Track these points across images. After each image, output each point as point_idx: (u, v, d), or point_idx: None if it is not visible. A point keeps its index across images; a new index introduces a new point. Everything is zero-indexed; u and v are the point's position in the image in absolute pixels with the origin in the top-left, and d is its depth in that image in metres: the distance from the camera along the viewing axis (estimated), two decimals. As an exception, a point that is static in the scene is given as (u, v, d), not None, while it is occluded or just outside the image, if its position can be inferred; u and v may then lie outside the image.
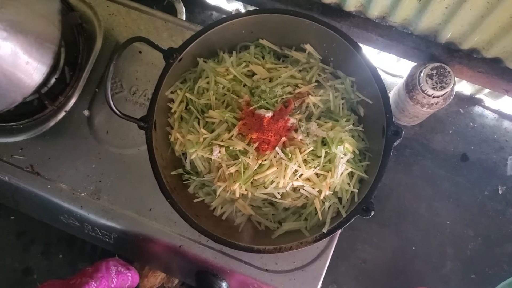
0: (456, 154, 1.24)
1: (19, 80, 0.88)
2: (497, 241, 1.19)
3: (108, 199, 1.01)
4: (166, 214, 0.99)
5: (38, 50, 0.89)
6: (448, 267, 1.19)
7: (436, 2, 0.88)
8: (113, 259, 1.01)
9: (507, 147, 1.23)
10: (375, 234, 1.22)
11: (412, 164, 1.24)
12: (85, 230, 1.06)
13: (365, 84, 0.86)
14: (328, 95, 0.89)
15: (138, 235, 1.00)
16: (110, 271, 0.95)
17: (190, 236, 0.97)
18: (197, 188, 0.92)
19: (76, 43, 1.06)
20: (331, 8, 1.05)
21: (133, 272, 1.02)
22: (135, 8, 1.10)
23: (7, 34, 0.82)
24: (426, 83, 0.97)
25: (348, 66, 0.89)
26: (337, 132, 0.84)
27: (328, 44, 0.88)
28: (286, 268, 0.96)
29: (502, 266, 1.18)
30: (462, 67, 1.02)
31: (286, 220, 0.88)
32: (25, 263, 1.36)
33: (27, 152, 1.04)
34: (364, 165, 0.86)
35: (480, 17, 0.88)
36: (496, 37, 0.93)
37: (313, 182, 0.83)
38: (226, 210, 0.90)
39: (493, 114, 1.26)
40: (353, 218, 0.79)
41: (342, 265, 1.22)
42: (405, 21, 1.02)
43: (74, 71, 1.05)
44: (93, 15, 1.09)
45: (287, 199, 0.85)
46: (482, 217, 1.21)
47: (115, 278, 0.94)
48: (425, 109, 1.03)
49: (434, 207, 1.22)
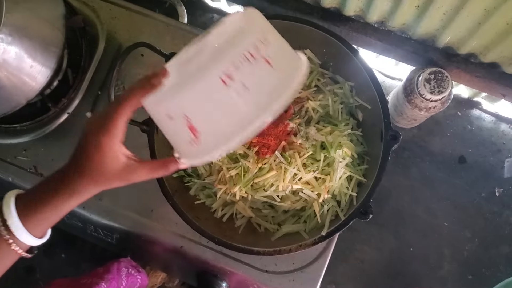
0: (453, 156, 1.25)
1: (23, 83, 0.90)
2: (494, 242, 1.21)
3: (110, 200, 1.02)
4: (167, 215, 1.00)
5: (42, 54, 0.90)
6: (445, 268, 1.21)
7: (434, 9, 0.89)
8: (125, 260, 1.02)
9: (504, 149, 1.25)
10: (374, 235, 1.24)
11: (410, 166, 1.26)
12: (88, 231, 1.08)
13: (364, 89, 0.88)
14: (327, 100, 0.90)
15: (139, 235, 1.02)
16: (120, 273, 0.96)
17: (191, 237, 0.99)
18: (198, 190, 0.93)
19: (79, 45, 1.07)
20: (331, 12, 1.06)
21: (143, 274, 1.03)
22: (137, 12, 1.11)
23: (12, 38, 0.83)
24: (424, 87, 0.99)
25: (347, 71, 0.91)
26: (336, 136, 0.85)
27: (328, 50, 0.90)
28: (285, 269, 0.97)
29: (499, 267, 1.20)
30: (460, 71, 1.03)
31: (285, 222, 0.90)
32: (28, 262, 1.37)
33: (30, 153, 1.05)
34: (363, 169, 0.88)
35: (477, 24, 0.89)
36: (493, 43, 0.94)
37: (312, 186, 0.85)
38: (226, 212, 0.92)
39: (490, 117, 1.27)
40: (352, 221, 0.80)
41: (340, 265, 1.23)
42: (403, 26, 1.03)
43: (77, 73, 1.07)
44: (96, 18, 1.10)
45: (286, 202, 0.87)
46: (479, 218, 1.22)
47: (124, 280, 0.96)
48: (423, 113, 1.05)
49: (431, 208, 1.24)
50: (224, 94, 0.52)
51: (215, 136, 0.56)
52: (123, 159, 0.55)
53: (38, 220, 0.54)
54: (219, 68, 0.51)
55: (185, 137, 0.57)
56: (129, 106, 0.52)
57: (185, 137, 0.57)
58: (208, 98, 0.53)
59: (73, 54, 1.06)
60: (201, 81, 0.52)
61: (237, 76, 0.52)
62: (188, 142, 0.57)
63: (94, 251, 1.36)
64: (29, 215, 0.54)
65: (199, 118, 0.55)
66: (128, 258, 1.06)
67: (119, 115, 0.52)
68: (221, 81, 0.52)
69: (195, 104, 0.54)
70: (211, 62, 0.52)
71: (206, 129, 0.56)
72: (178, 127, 0.56)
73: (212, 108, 0.54)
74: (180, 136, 0.58)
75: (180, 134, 0.57)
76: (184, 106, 0.55)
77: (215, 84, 0.52)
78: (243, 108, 0.55)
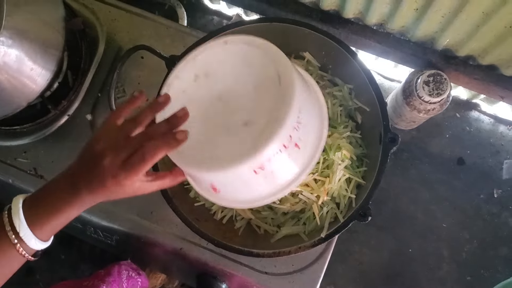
0: (452, 158, 1.26)
1: (23, 86, 0.90)
2: (492, 243, 1.22)
3: (110, 201, 1.02)
4: (167, 217, 1.00)
5: (42, 57, 0.90)
6: (444, 269, 1.22)
7: (433, 12, 0.90)
8: (125, 263, 1.02)
9: (503, 151, 1.25)
10: (373, 237, 1.25)
11: (410, 167, 1.26)
12: (87, 232, 1.08)
13: (363, 91, 0.88)
14: (326, 103, 0.90)
15: (139, 237, 1.02)
16: (121, 276, 0.96)
17: (191, 239, 0.99)
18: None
19: (79, 48, 1.07)
20: (330, 15, 1.07)
21: (143, 277, 1.04)
22: (137, 14, 1.11)
23: (12, 41, 0.83)
24: (423, 89, 0.99)
25: (346, 74, 0.91)
26: (335, 139, 0.85)
27: (327, 52, 0.90)
28: (284, 271, 0.98)
29: (497, 268, 1.20)
30: (459, 74, 1.04)
31: (285, 224, 0.90)
32: (27, 263, 1.37)
33: (30, 155, 1.05)
34: (362, 171, 0.88)
35: (475, 27, 0.90)
36: (491, 45, 0.94)
37: (311, 188, 0.85)
38: (226, 214, 0.92)
39: (489, 119, 1.27)
40: (351, 223, 0.81)
41: (340, 267, 1.24)
42: (402, 29, 1.03)
43: (77, 75, 1.07)
44: (95, 21, 1.10)
45: (285, 204, 0.87)
46: (478, 220, 1.23)
47: (125, 282, 0.96)
48: (422, 115, 1.05)
49: (430, 210, 1.24)
50: (252, 178, 0.56)
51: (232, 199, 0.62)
52: (138, 183, 0.57)
53: (46, 226, 0.56)
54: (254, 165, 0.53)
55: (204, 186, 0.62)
56: (153, 162, 0.55)
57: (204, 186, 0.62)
58: (237, 179, 0.56)
59: (73, 56, 1.06)
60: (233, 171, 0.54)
61: (268, 167, 0.54)
62: (207, 190, 0.63)
63: (93, 253, 1.36)
64: (37, 222, 0.56)
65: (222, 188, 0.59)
66: (129, 260, 1.06)
67: (144, 168, 0.54)
68: (253, 172, 0.54)
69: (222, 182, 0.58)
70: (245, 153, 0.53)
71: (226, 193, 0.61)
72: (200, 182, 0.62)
73: (237, 186, 0.58)
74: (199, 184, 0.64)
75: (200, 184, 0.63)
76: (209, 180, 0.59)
77: (246, 172, 0.54)
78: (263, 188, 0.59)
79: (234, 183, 0.58)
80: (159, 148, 0.54)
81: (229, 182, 0.58)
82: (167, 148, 0.55)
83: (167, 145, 0.54)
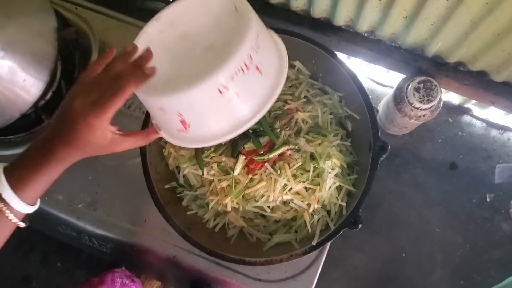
0: (445, 162, 1.26)
1: (16, 97, 0.91)
2: (485, 247, 1.22)
3: (104, 210, 1.04)
4: (160, 225, 1.01)
5: (35, 68, 0.91)
6: (437, 274, 1.22)
7: (422, 20, 0.91)
8: (119, 271, 1.03)
9: (495, 155, 1.26)
10: (367, 242, 1.25)
11: (402, 172, 1.27)
12: (82, 240, 1.09)
13: (353, 99, 0.89)
14: (316, 111, 0.91)
15: (133, 245, 1.03)
16: (115, 283, 0.97)
17: (184, 247, 1.00)
18: (190, 201, 0.94)
19: (72, 57, 1.08)
20: (321, 22, 1.08)
21: (138, 284, 1.04)
22: (129, 23, 1.12)
23: (4, 53, 0.84)
24: (413, 96, 1.00)
25: (336, 82, 0.92)
26: (325, 147, 0.86)
27: (317, 61, 0.91)
28: (278, 278, 0.98)
29: (490, 272, 1.21)
30: (449, 80, 1.04)
31: (277, 232, 0.91)
32: (25, 271, 1.38)
33: (25, 165, 1.06)
34: (352, 179, 0.89)
35: (464, 34, 0.91)
36: (480, 52, 0.95)
37: (302, 196, 0.86)
38: (218, 222, 0.93)
39: (481, 123, 1.28)
40: (342, 230, 0.82)
41: (334, 272, 1.24)
42: (393, 36, 1.04)
43: (71, 84, 1.08)
44: (88, 30, 1.11)
45: (277, 212, 0.88)
46: (471, 224, 1.24)
47: None
48: (413, 121, 1.06)
49: (423, 214, 1.25)
50: (217, 100, 0.57)
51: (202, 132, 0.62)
52: (110, 134, 0.59)
53: (29, 188, 0.57)
54: (217, 81, 0.55)
55: (174, 125, 0.62)
56: (124, 98, 0.56)
57: (175, 126, 0.62)
58: (203, 102, 0.58)
59: (66, 66, 1.07)
60: (199, 88, 0.56)
61: (232, 87, 0.57)
62: (177, 130, 0.63)
63: (90, 260, 1.37)
64: (19, 184, 0.57)
65: (191, 117, 0.60)
66: (123, 268, 1.06)
67: (114, 104, 0.56)
68: (218, 91, 0.56)
69: (190, 105, 0.59)
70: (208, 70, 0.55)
71: (196, 125, 0.61)
72: (169, 118, 0.62)
73: (205, 110, 0.59)
74: (169, 123, 0.64)
75: (170, 123, 0.63)
76: (178, 105, 0.60)
77: (211, 93, 0.56)
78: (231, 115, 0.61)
79: (202, 108, 0.59)
80: (128, 83, 0.56)
81: (197, 107, 0.59)
82: (135, 82, 0.56)
83: (135, 78, 0.56)
